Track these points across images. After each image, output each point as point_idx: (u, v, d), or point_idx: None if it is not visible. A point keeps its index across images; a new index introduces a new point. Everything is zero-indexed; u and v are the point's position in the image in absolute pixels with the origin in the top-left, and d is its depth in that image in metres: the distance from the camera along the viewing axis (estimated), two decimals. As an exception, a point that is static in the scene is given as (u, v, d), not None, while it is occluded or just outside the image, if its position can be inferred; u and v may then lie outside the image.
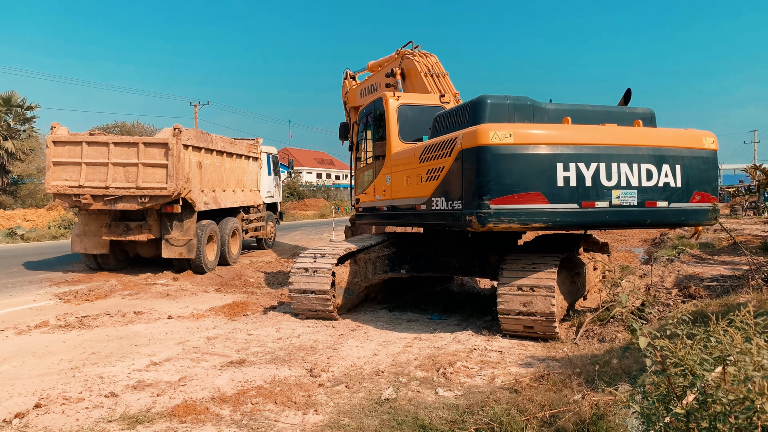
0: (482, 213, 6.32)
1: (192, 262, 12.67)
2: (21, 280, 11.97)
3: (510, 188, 6.33)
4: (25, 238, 21.22)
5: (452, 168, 6.84)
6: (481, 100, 7.14)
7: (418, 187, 7.73)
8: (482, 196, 6.33)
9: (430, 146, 7.51)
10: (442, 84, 11.14)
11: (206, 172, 13.09)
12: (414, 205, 7.85)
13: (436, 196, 7.22)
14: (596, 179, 6.52)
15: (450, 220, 6.96)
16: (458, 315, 8.60)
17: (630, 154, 6.69)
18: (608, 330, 6.92)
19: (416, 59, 11.32)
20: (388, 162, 9.02)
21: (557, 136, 6.59)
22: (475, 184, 6.42)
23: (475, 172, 6.43)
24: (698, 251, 14.45)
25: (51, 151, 11.87)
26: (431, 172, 7.35)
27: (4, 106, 32.61)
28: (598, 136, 6.73)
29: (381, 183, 9.23)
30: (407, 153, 8.45)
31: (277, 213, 19.99)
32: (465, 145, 6.58)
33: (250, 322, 8.28)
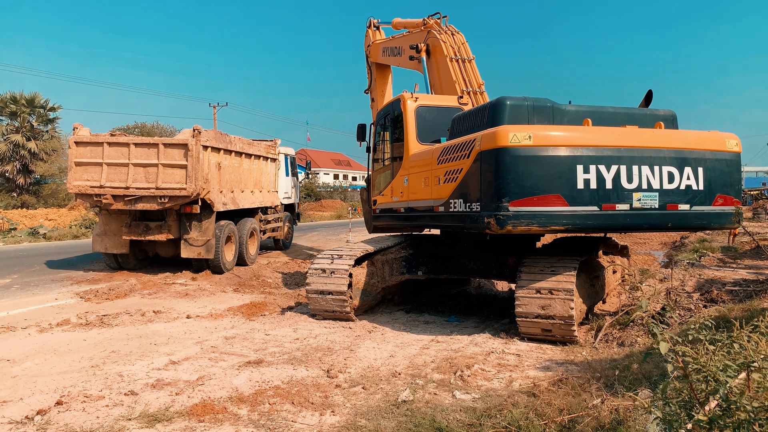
0: (501, 215, 6.28)
1: (210, 262, 12.77)
2: (43, 279, 12.16)
3: (529, 190, 6.28)
4: (48, 237, 21.55)
5: (471, 170, 6.81)
6: (500, 101, 7.08)
7: (436, 188, 7.70)
8: (501, 198, 6.29)
9: (448, 148, 7.48)
10: (467, 71, 11.02)
11: (225, 173, 13.18)
12: (432, 207, 7.82)
13: (454, 198, 7.19)
14: (617, 182, 6.46)
15: (468, 222, 6.92)
16: (475, 317, 8.56)
17: (651, 157, 6.61)
18: (628, 334, 6.84)
19: (442, 38, 11.14)
20: (406, 164, 9.00)
21: (577, 138, 6.52)
22: (494, 186, 6.38)
23: (494, 173, 6.39)
24: (720, 255, 14.22)
25: (73, 151, 12.05)
26: (449, 173, 7.32)
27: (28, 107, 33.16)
28: (618, 138, 6.66)
29: (398, 184, 9.20)
30: (425, 155, 8.42)
31: (295, 214, 20.08)
32: (484, 147, 6.54)
33: (267, 322, 8.32)
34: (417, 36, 12.20)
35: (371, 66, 15.03)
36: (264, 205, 15.79)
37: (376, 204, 10.40)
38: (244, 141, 14.62)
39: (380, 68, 14.88)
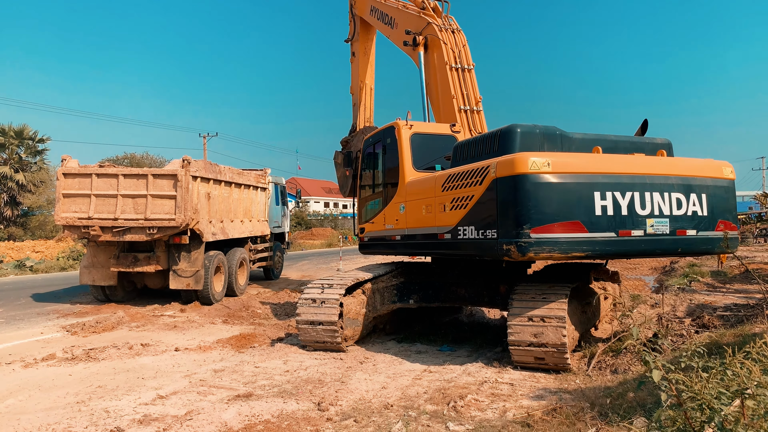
0: (522, 242, 6.26)
1: (199, 293, 12.64)
2: (29, 312, 11.96)
3: (550, 217, 6.30)
4: (34, 270, 21.30)
5: (483, 196, 6.79)
6: (512, 129, 7.13)
7: (441, 216, 7.66)
8: (522, 225, 6.27)
9: (455, 175, 7.43)
10: (466, 82, 10.58)
11: (214, 203, 13.14)
12: (435, 234, 7.78)
13: (463, 225, 7.15)
14: (632, 208, 6.59)
15: (482, 250, 6.89)
16: (468, 346, 8.49)
17: (661, 184, 6.80)
18: (621, 361, 6.80)
19: (444, 38, 10.48)
20: (402, 191, 8.97)
21: (593, 165, 6.65)
22: (513, 212, 6.36)
23: (513, 200, 6.39)
24: (710, 279, 14.28)
25: (61, 183, 11.98)
26: (457, 200, 7.30)
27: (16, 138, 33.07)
28: (631, 165, 6.84)
29: (393, 212, 9.18)
30: (426, 182, 8.38)
31: (285, 243, 20.01)
32: (500, 174, 6.52)
33: (257, 354, 8.20)
34: (414, 20, 11.30)
35: (355, 17, 14.30)
36: (254, 234, 15.72)
37: (364, 232, 10.33)
38: (234, 171, 14.62)
39: (365, 24, 14.17)
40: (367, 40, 14.55)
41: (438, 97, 10.67)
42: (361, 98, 14.60)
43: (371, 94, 14.89)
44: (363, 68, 14.61)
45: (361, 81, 14.60)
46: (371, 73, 14.83)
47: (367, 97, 14.72)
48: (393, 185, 9.26)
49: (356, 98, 14.76)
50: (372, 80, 14.87)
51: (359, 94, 14.65)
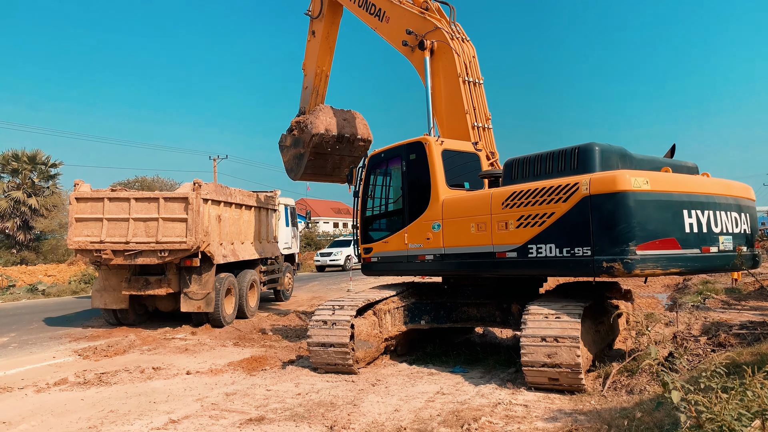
0: (628, 259, 6.40)
1: (210, 316, 12.65)
2: (41, 336, 12.01)
3: (652, 234, 6.51)
4: (47, 294, 21.41)
5: (569, 213, 6.81)
6: (591, 147, 7.22)
7: (501, 234, 7.57)
8: (627, 242, 6.41)
9: (523, 192, 7.38)
10: (477, 96, 10.12)
11: (225, 225, 13.21)
12: (492, 253, 7.68)
13: (536, 242, 7.14)
14: (709, 226, 6.98)
15: (568, 268, 6.93)
16: (481, 367, 8.40)
17: (724, 203, 7.28)
18: (637, 381, 6.71)
19: (456, 48, 9.99)
20: (435, 208, 8.62)
21: (681, 185, 6.98)
22: (616, 230, 6.47)
23: (614, 217, 6.49)
24: (724, 296, 14.12)
25: (74, 207, 12.09)
26: (528, 218, 7.26)
27: (29, 163, 33.51)
28: (706, 186, 7.30)
29: (421, 230, 8.80)
30: (476, 199, 8.18)
31: (295, 264, 20.02)
32: (596, 191, 6.61)
33: (268, 377, 8.17)
34: (417, 20, 10.59)
35: None
36: (264, 256, 15.75)
37: (371, 252, 9.87)
38: (244, 193, 14.71)
39: (335, 6, 13.35)
40: (332, 24, 13.78)
41: (443, 110, 10.24)
42: (316, 84, 14.04)
43: (326, 81, 14.32)
44: (322, 53, 13.90)
45: (318, 66, 13.97)
46: (329, 60, 14.21)
47: (321, 84, 14.17)
48: (420, 202, 8.91)
49: (309, 81, 14.20)
50: (329, 67, 14.28)
51: (313, 79, 14.03)
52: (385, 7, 11.30)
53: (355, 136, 14.10)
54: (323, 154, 14.00)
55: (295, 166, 14.40)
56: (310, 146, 13.62)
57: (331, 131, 13.59)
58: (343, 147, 14.08)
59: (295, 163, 14.34)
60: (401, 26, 10.83)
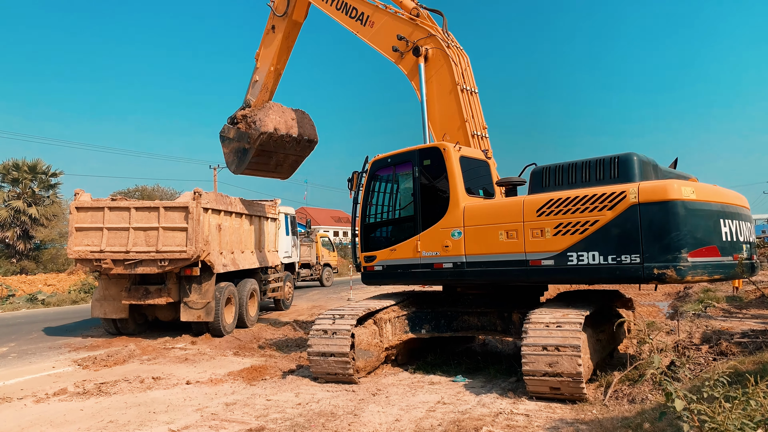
0: (681, 266, 6.63)
1: (210, 325, 12.61)
2: (40, 346, 11.97)
3: (700, 242, 6.79)
4: (46, 303, 21.36)
5: (616, 221, 6.97)
6: (630, 156, 7.40)
7: (536, 241, 7.59)
8: (679, 249, 6.65)
9: (561, 200, 7.44)
10: (473, 105, 10.01)
11: (225, 234, 13.19)
12: (525, 261, 7.69)
13: (576, 250, 7.24)
14: (737, 234, 7.32)
15: (613, 274, 7.03)
16: (482, 376, 8.37)
17: (741, 214, 7.65)
18: (638, 390, 6.68)
19: (453, 57, 9.98)
20: (455, 215, 8.49)
21: (718, 195, 7.28)
22: (668, 237, 6.69)
23: (667, 225, 6.71)
24: (725, 305, 14.09)
25: (74, 216, 12.09)
26: (567, 226, 7.33)
27: (30, 173, 33.54)
28: (730, 197, 7.55)
29: (438, 238, 8.64)
30: (506, 207, 8.16)
31: (295, 273, 19.99)
32: (646, 199, 6.80)
33: (268, 386, 8.13)
34: (407, 27, 10.51)
35: None
36: (264, 265, 15.72)
37: (374, 260, 9.56)
38: (244, 202, 14.71)
39: (302, 5, 13.07)
40: (295, 25, 13.50)
41: (436, 117, 10.13)
42: (267, 80, 13.83)
43: (278, 78, 14.13)
44: (280, 52, 13.60)
45: (272, 64, 13.72)
46: (285, 59, 14.01)
47: (273, 81, 13.98)
48: (436, 209, 8.74)
49: (260, 75, 13.92)
50: (284, 65, 14.09)
51: (266, 75, 13.81)
52: (368, 11, 11.19)
53: (302, 137, 14.16)
54: (268, 152, 14.04)
55: (237, 159, 14.17)
56: (257, 144, 13.52)
57: (279, 130, 13.58)
58: (289, 146, 14.10)
59: (238, 157, 14.11)
60: (390, 31, 10.77)
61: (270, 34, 13.56)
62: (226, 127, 14.31)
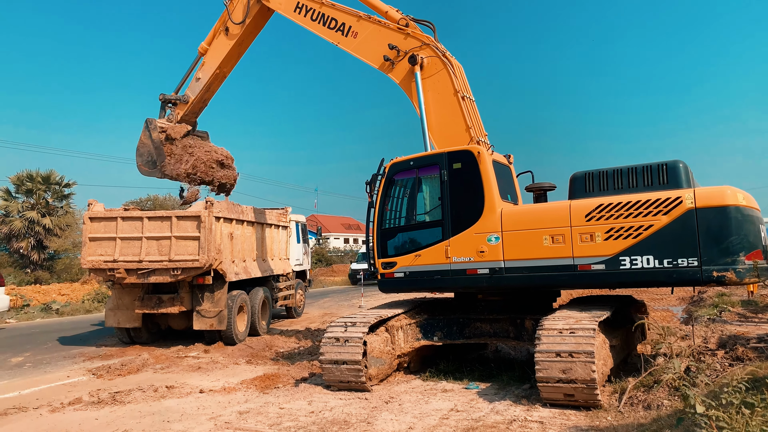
0: (740, 269, 6.93)
1: (223, 334, 12.65)
2: (55, 356, 12.06)
3: (753, 245, 7.05)
4: (60, 313, 21.51)
5: (670, 226, 7.21)
6: (677, 163, 7.66)
7: (584, 246, 7.67)
8: (738, 252, 6.95)
9: (612, 205, 7.59)
10: (472, 112, 9.89)
11: (237, 243, 13.25)
12: (573, 266, 7.74)
13: (630, 254, 7.40)
14: (765, 238, 7.53)
15: (670, 278, 7.26)
16: (495, 383, 8.33)
17: (762, 218, 7.77)
18: (653, 396, 6.62)
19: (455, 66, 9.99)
20: (491, 220, 8.38)
21: (755, 201, 7.52)
22: (727, 241, 6.96)
23: (726, 229, 6.98)
24: (740, 309, 13.93)
25: (87, 227, 12.19)
26: (619, 230, 7.49)
27: (44, 184, 33.86)
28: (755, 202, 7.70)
29: (472, 243, 8.48)
30: (549, 211, 8.14)
31: (307, 280, 20.02)
32: (704, 204, 7.08)
33: (281, 394, 8.14)
34: (397, 37, 10.43)
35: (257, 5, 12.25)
36: (276, 273, 15.77)
37: (394, 267, 9.17)
38: (256, 210, 14.77)
39: (262, 15, 12.53)
40: (250, 34, 12.92)
41: (434, 126, 9.98)
42: (211, 80, 13.10)
43: (222, 81, 13.42)
44: (230, 56, 12.92)
45: (219, 67, 12.98)
46: (234, 64, 13.34)
47: (216, 83, 13.30)
48: (468, 213, 8.59)
49: (204, 74, 13.10)
50: (230, 70, 13.40)
51: (210, 76, 13.02)
52: (350, 21, 11.04)
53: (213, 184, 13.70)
54: None
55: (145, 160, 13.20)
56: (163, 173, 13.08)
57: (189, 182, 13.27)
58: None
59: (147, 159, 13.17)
60: (378, 41, 10.66)
61: (222, 35, 12.84)
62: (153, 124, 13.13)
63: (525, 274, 8.12)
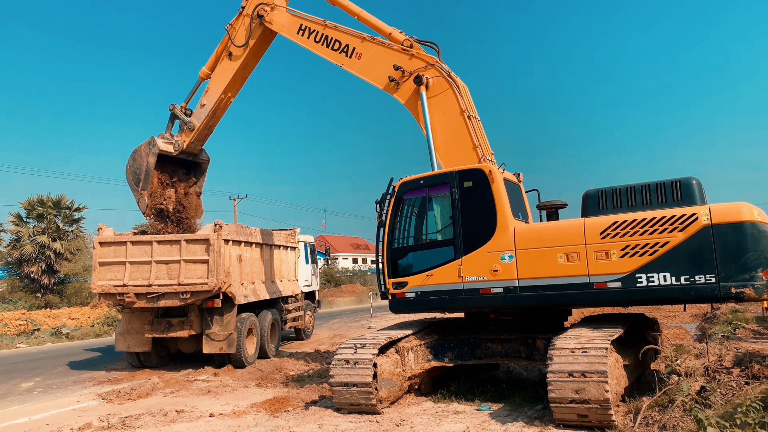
0: (758, 284, 6.90)
1: (232, 357, 12.61)
2: (65, 380, 12.05)
3: None
4: (70, 337, 21.55)
5: (687, 242, 7.21)
6: (691, 180, 7.75)
7: (600, 264, 7.66)
8: (755, 268, 6.92)
9: (627, 222, 7.60)
10: (478, 131, 9.90)
11: (246, 265, 13.27)
12: (589, 283, 7.72)
13: (646, 272, 7.40)
14: None
15: (688, 295, 7.21)
16: (507, 404, 8.24)
17: None
18: (669, 417, 6.51)
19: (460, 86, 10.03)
20: (504, 238, 8.36)
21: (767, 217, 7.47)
22: (745, 257, 6.95)
23: (743, 246, 6.98)
24: (755, 326, 13.76)
25: (97, 251, 12.27)
26: (635, 247, 7.50)
27: (54, 208, 34.14)
28: None
29: (485, 262, 8.45)
30: (563, 229, 8.14)
31: (315, 301, 19.97)
32: (720, 221, 7.10)
33: (291, 418, 8.08)
34: (402, 58, 10.54)
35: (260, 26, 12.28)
36: (285, 294, 15.75)
37: (405, 287, 9.08)
38: (264, 232, 14.82)
39: (265, 38, 12.64)
40: (254, 57, 12.92)
41: (441, 146, 9.99)
42: (216, 105, 13.01)
43: (228, 105, 13.36)
44: (234, 80, 12.90)
45: (224, 92, 12.92)
46: (239, 88, 13.31)
47: (221, 108, 13.23)
48: (481, 232, 8.55)
49: (209, 100, 13.01)
50: (236, 95, 13.35)
51: (215, 101, 12.95)
52: (353, 43, 11.11)
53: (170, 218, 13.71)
54: None
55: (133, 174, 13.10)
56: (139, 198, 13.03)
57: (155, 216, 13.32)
58: None
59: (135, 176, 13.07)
60: (383, 62, 10.73)
61: (225, 60, 12.85)
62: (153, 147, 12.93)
63: (540, 293, 8.06)
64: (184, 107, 13.52)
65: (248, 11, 12.46)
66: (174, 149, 13.34)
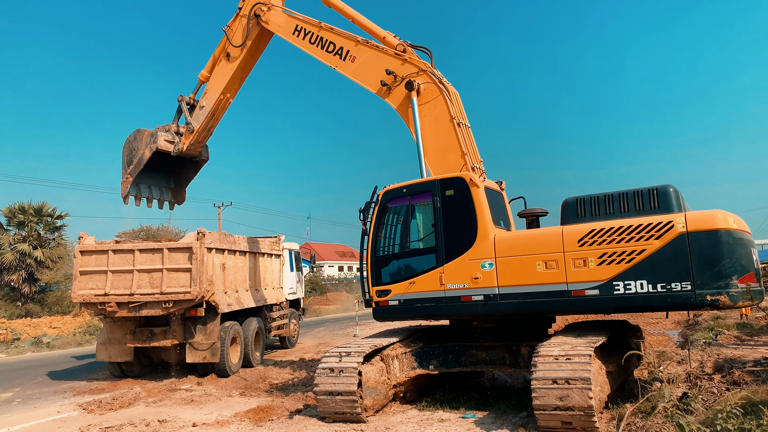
0: (733, 292, 6.90)
1: (216, 366, 12.50)
2: (45, 391, 11.86)
3: (745, 268, 7.05)
4: (51, 347, 21.23)
5: (663, 250, 7.21)
6: (667, 188, 7.75)
7: (578, 271, 7.66)
8: (730, 276, 6.93)
9: (605, 230, 7.61)
10: (468, 138, 9.98)
11: (229, 273, 13.17)
12: (566, 291, 7.72)
13: (623, 279, 7.40)
14: (756, 261, 7.53)
15: (664, 303, 7.22)
16: (492, 412, 8.24)
17: (752, 241, 7.80)
18: (651, 423, 6.55)
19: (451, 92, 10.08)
20: (485, 247, 8.38)
21: (745, 225, 7.53)
22: (719, 265, 6.95)
23: (718, 253, 6.98)
24: (736, 332, 13.93)
25: (78, 260, 12.12)
26: (612, 255, 7.50)
27: (35, 216, 33.70)
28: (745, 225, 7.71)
29: (465, 269, 8.45)
30: (542, 237, 8.19)
31: (300, 309, 19.87)
32: (695, 228, 7.10)
33: (276, 427, 8.02)
34: (394, 62, 10.54)
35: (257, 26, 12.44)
36: (269, 302, 15.65)
37: (389, 294, 9.10)
38: (248, 239, 14.73)
39: (263, 38, 12.79)
40: (252, 57, 13.03)
41: (430, 151, 10.01)
42: (215, 107, 13.12)
43: (226, 108, 13.45)
44: (233, 81, 13.01)
45: (223, 93, 13.02)
46: (238, 88, 13.40)
47: (220, 109, 13.30)
48: (462, 240, 8.59)
49: (208, 102, 13.16)
50: (234, 95, 13.45)
51: (214, 102, 13.07)
52: (348, 46, 11.17)
53: None
54: None
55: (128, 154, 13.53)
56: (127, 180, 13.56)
57: None
58: None
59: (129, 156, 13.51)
60: (375, 66, 10.76)
61: (224, 61, 12.97)
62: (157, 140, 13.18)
63: (519, 300, 8.09)
64: (192, 98, 13.71)
65: (245, 11, 12.66)
66: (174, 151, 13.50)
